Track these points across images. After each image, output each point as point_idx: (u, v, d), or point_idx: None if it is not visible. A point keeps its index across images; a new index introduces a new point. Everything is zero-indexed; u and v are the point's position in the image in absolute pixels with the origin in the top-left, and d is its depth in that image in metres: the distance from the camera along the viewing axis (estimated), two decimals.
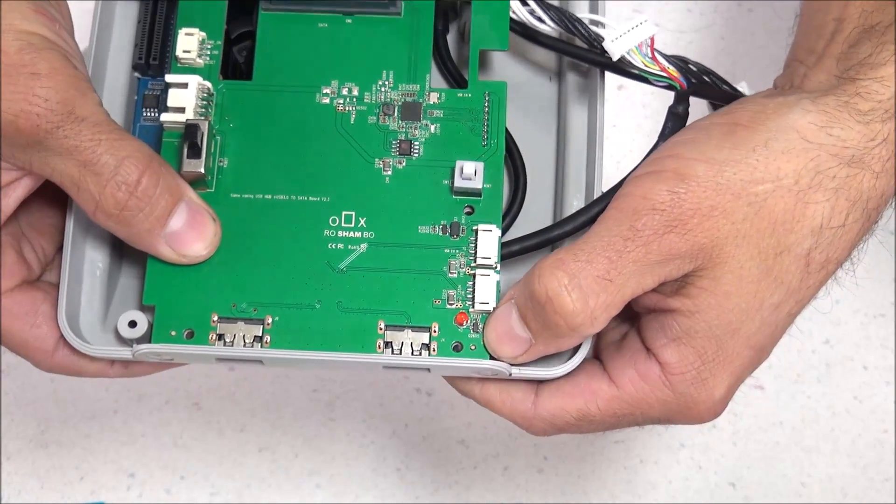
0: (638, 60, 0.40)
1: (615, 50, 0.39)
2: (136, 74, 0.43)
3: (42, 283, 0.40)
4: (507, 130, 0.41)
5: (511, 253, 0.40)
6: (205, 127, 0.39)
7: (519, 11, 0.41)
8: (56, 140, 0.34)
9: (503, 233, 0.40)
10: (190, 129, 0.38)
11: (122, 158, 0.35)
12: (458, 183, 0.39)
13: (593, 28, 0.40)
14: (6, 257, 0.38)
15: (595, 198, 0.40)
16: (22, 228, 0.39)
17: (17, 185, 0.36)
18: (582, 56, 0.41)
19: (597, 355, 0.40)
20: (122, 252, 0.42)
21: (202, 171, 0.39)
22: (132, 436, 0.59)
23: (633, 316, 0.40)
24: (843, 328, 0.63)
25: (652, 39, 0.40)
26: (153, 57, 0.42)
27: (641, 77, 0.40)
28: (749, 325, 0.37)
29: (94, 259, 0.41)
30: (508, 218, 0.41)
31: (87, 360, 0.40)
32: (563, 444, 0.59)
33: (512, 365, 0.38)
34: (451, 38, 0.44)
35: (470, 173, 0.39)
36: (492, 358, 0.38)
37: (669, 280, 0.37)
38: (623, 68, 0.40)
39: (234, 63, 0.42)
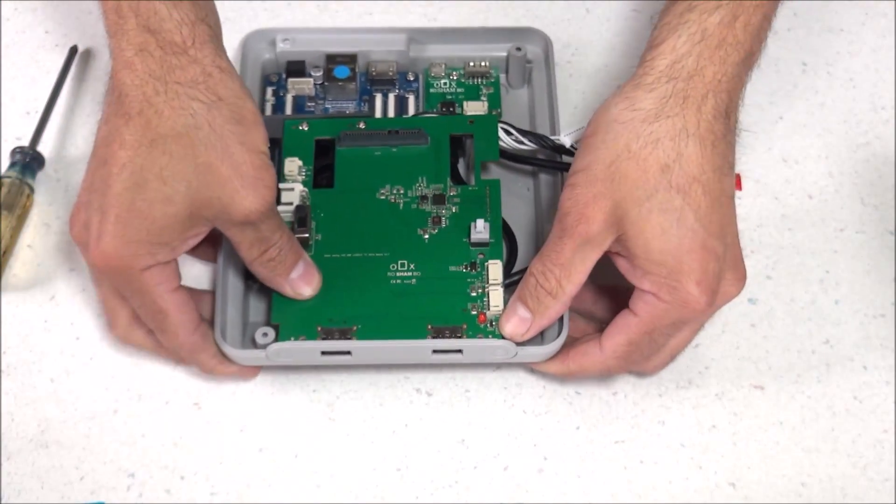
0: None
1: (567, 141, 0.63)
2: None
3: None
4: (503, 219, 0.60)
5: (512, 282, 0.58)
6: (307, 210, 0.60)
7: (505, 139, 0.63)
8: (257, 224, 0.53)
9: (506, 274, 0.59)
10: (299, 209, 0.60)
11: (280, 235, 0.55)
12: (474, 236, 0.58)
13: (553, 137, 0.63)
14: (174, 268, 0.55)
15: None
16: None
17: (201, 235, 0.54)
18: (548, 166, 0.64)
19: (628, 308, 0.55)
20: (251, 289, 0.61)
21: (307, 236, 0.59)
22: (132, 436, 0.59)
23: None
24: (843, 328, 0.63)
25: None
26: None
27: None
28: (669, 242, 0.51)
29: (236, 289, 0.60)
30: (506, 268, 0.60)
31: (205, 347, 0.57)
32: (563, 443, 0.59)
33: (518, 344, 0.56)
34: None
35: (481, 228, 0.58)
36: (503, 339, 0.56)
37: (608, 249, 0.53)
38: (570, 154, 0.62)
39: (320, 182, 0.62)
